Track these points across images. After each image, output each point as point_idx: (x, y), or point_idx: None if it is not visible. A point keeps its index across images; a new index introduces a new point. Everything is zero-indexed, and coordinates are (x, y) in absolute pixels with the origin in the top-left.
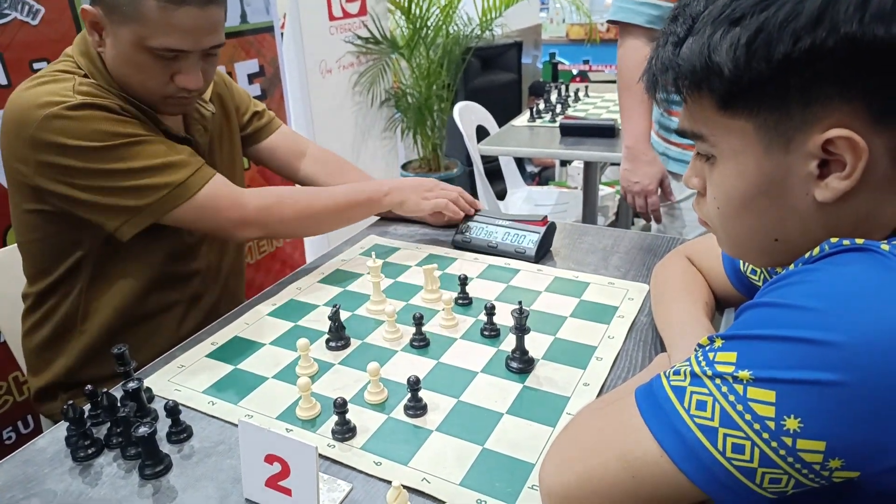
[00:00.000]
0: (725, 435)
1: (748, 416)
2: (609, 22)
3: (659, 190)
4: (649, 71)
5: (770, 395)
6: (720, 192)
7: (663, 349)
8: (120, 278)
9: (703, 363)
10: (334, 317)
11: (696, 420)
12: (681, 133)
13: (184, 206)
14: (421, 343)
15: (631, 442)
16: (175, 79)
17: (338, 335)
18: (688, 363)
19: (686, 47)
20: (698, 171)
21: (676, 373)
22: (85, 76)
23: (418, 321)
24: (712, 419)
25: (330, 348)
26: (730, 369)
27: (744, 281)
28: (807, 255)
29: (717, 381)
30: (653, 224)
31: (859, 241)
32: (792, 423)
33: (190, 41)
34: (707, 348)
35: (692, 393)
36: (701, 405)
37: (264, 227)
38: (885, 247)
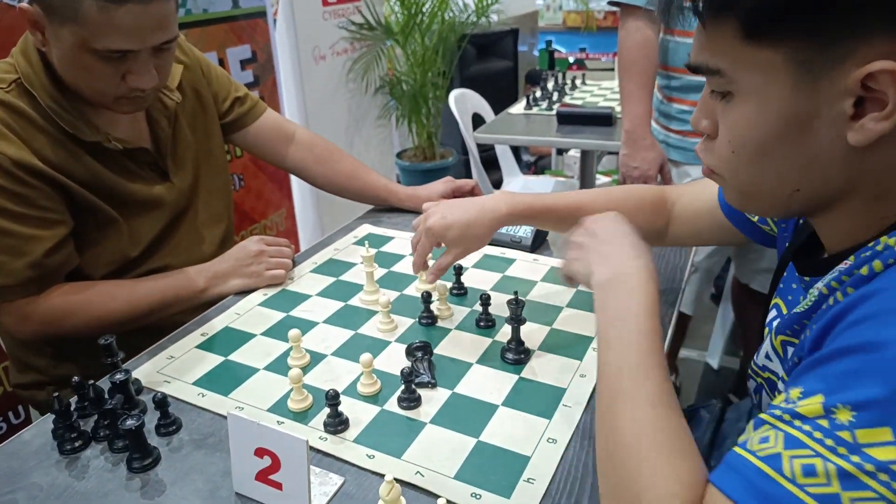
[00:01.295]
0: (853, 500)
1: (870, 467)
2: (610, 3)
3: (658, 176)
4: None
5: (885, 433)
6: (736, 133)
7: (661, 342)
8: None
9: (787, 415)
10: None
11: (809, 489)
12: (693, 68)
13: None
14: (428, 321)
15: None
16: (126, 78)
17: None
18: (767, 425)
19: None
20: (709, 112)
21: (763, 441)
22: (17, 80)
23: (426, 299)
24: (829, 484)
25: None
26: (820, 409)
27: (736, 214)
28: (864, 270)
29: (817, 434)
30: None
31: None
32: None
33: (136, 40)
34: (783, 402)
35: (792, 457)
36: (809, 470)
37: (55, 336)
38: None
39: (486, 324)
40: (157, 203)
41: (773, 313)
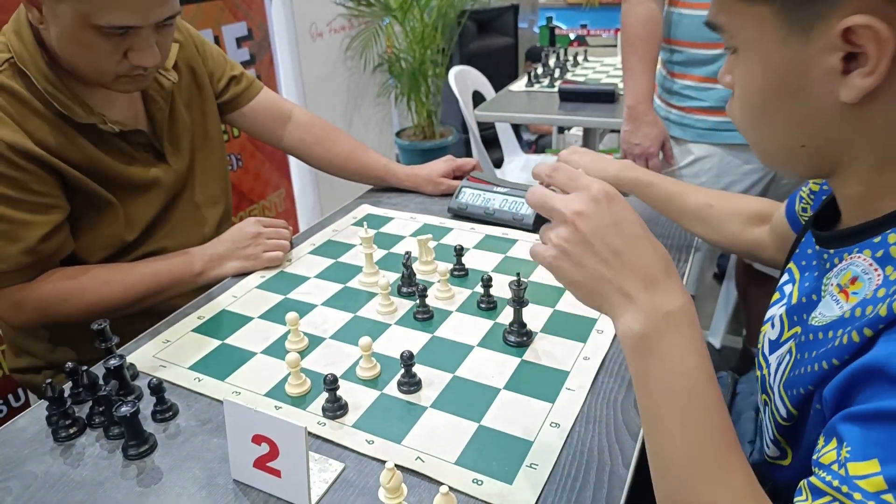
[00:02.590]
0: None
1: None
2: None
3: (660, 153)
4: None
5: None
6: (742, 88)
7: None
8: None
9: (841, 485)
10: (407, 263)
11: None
12: (709, 26)
13: None
14: (425, 316)
15: None
16: (129, 56)
17: (410, 280)
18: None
19: None
20: (731, 67)
21: None
22: (10, 59)
23: (422, 293)
24: None
25: (403, 294)
26: (881, 483)
27: (794, 217)
28: (882, 309)
29: None
30: None
31: None
32: None
33: (139, 16)
34: (831, 464)
35: None
36: None
37: (48, 324)
38: None
39: (487, 306)
40: (153, 185)
41: (785, 276)
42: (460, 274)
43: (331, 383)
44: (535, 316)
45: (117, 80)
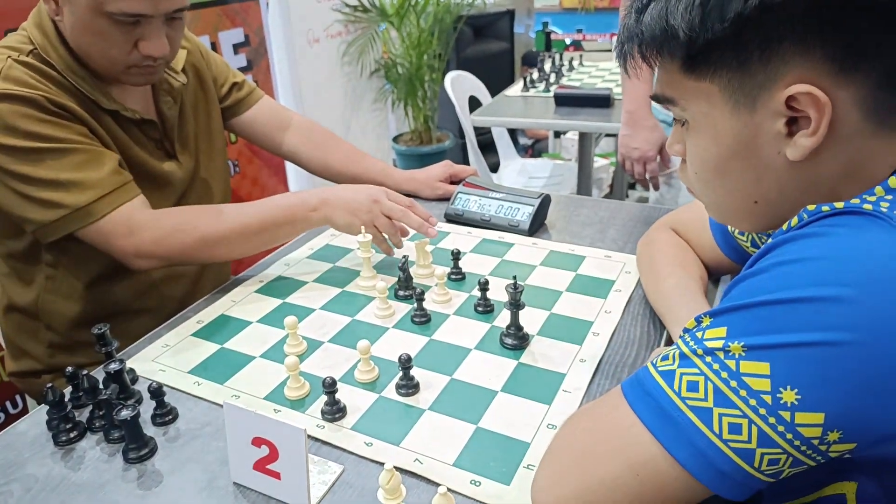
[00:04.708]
0: (721, 415)
1: (743, 392)
2: None
3: (658, 157)
4: (618, 41)
5: (764, 367)
6: (695, 156)
7: (661, 325)
8: (80, 262)
9: (692, 342)
10: (403, 267)
11: (689, 402)
12: (655, 98)
13: (83, 231)
14: (422, 319)
15: (625, 437)
16: (139, 46)
17: (407, 284)
18: (675, 347)
19: (647, 14)
20: (679, 138)
21: (664, 358)
22: (33, 51)
23: (419, 296)
24: (705, 399)
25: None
26: (720, 344)
27: (732, 244)
28: (784, 226)
29: (708, 358)
30: (650, 195)
31: (838, 204)
32: (789, 396)
33: (149, 5)
34: (694, 329)
35: (682, 375)
36: (692, 386)
37: (164, 259)
38: (867, 207)
39: (484, 309)
40: (168, 180)
41: None
42: (457, 278)
43: (329, 386)
44: (531, 319)
45: (128, 70)
